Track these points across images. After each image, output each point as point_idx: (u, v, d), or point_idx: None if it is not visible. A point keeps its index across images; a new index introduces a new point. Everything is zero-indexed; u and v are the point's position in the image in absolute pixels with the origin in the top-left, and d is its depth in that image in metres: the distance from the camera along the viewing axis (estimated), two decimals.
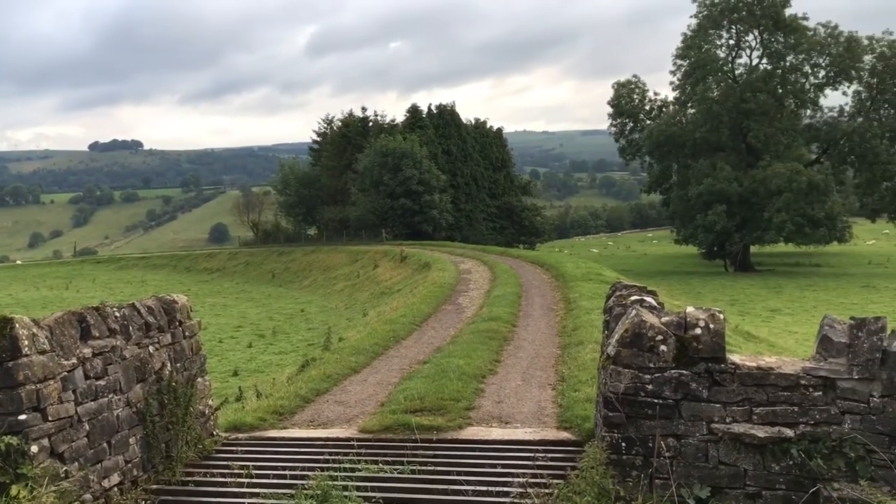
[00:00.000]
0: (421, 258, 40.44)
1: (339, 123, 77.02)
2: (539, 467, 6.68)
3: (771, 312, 36.77)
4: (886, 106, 62.67)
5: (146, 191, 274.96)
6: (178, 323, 7.79)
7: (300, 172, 78.61)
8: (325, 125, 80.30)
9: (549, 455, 7.27)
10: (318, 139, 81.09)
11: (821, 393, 5.71)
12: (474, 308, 19.93)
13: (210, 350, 24.19)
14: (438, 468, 7.12)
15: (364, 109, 77.27)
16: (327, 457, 7.42)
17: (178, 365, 7.66)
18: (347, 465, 7.07)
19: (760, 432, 5.66)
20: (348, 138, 72.96)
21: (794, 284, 50.39)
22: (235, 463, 7.36)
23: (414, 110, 74.08)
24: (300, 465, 7.28)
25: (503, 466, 7.06)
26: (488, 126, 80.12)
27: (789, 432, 5.65)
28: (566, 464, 6.84)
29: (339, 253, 57.13)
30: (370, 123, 74.87)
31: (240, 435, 8.59)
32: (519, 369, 11.87)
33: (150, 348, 7.18)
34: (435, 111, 74.64)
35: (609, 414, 5.83)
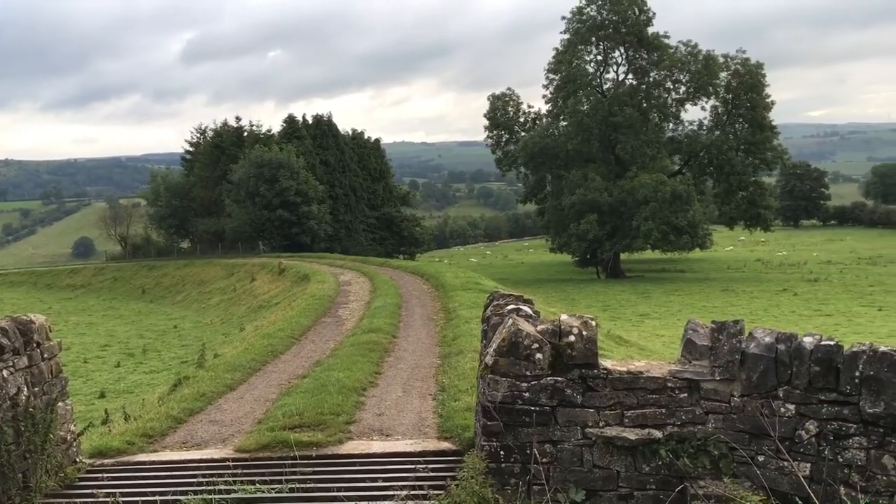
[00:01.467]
0: (300, 270, 39.78)
1: (213, 133, 74.94)
2: (419, 479, 6.67)
3: (640, 317, 38.36)
4: (741, 120, 66.70)
5: (2, 203, 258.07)
6: (35, 344, 7.32)
7: (172, 183, 75.85)
8: (198, 135, 77.99)
9: (431, 466, 7.27)
10: (190, 149, 78.56)
11: (686, 394, 5.97)
12: (354, 320, 19.76)
13: (74, 371, 22.91)
14: (318, 485, 6.99)
15: (238, 119, 75.61)
16: (201, 479, 7.14)
17: (37, 389, 7.19)
18: (223, 487, 6.83)
19: (631, 435, 5.86)
20: (222, 148, 71.09)
21: (661, 290, 52.79)
22: (101, 490, 6.97)
23: (291, 120, 73.06)
24: (172, 489, 6.97)
25: (384, 480, 7.00)
26: (366, 137, 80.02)
27: (658, 433, 5.88)
28: (447, 474, 6.86)
29: (215, 266, 55.44)
30: (245, 133, 73.25)
31: (106, 461, 8.15)
32: (400, 380, 11.84)
33: (4, 372, 6.71)
34: (312, 122, 73.84)
35: (487, 423, 5.89)
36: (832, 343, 5.82)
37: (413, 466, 7.23)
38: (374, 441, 8.51)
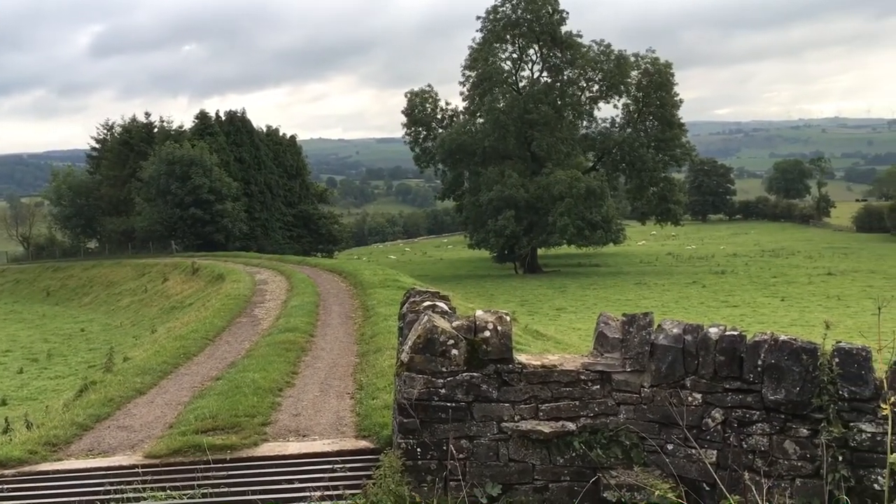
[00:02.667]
0: (214, 270, 38.87)
1: (121, 130, 72.47)
2: (336, 479, 6.60)
3: (557, 311, 39.05)
4: (651, 118, 68.65)
5: None
6: None
7: (76, 182, 72.97)
8: (105, 131, 75.30)
9: (348, 466, 7.21)
10: (96, 146, 75.76)
11: (598, 386, 6.09)
12: (271, 319, 19.43)
13: None
14: (233, 489, 6.84)
15: (148, 115, 73.38)
16: (109, 488, 6.89)
17: None
18: (132, 495, 6.60)
19: (546, 428, 5.93)
20: (130, 145, 68.87)
21: (577, 284, 53.86)
22: None
23: (203, 116, 71.33)
24: (77, 499, 6.70)
25: (301, 481, 6.89)
26: (281, 133, 78.83)
27: (572, 426, 5.98)
28: (364, 473, 6.81)
29: (124, 267, 53.65)
30: (155, 130, 71.12)
31: (6, 472, 7.77)
32: (317, 380, 11.70)
33: None
34: (225, 118, 72.29)
35: (404, 420, 5.87)
36: (736, 333, 6.02)
37: (330, 467, 7.15)
38: (290, 442, 8.38)
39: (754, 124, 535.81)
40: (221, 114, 72.99)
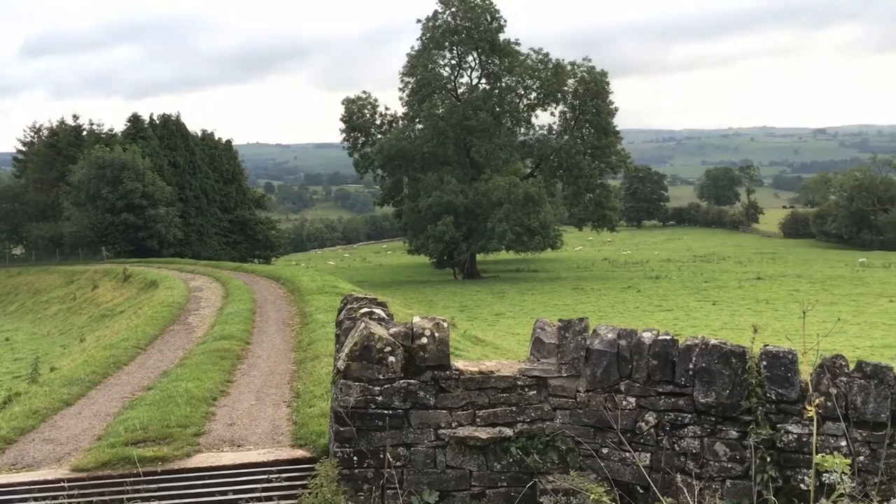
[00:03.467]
0: (147, 276, 37.93)
1: (49, 132, 70.27)
2: (272, 489, 6.49)
3: (496, 316, 39.28)
4: (587, 125, 69.74)
5: None
6: None
7: (1, 186, 70.50)
8: (32, 134, 72.92)
9: (284, 475, 7.10)
10: (23, 149, 73.30)
11: (535, 392, 6.13)
12: (205, 327, 19.04)
13: None
14: (163, 502, 6.66)
15: (76, 118, 71.21)
16: (32, 503, 6.64)
17: None
18: None
19: (483, 434, 5.95)
20: (58, 149, 66.81)
21: (515, 289, 54.28)
22: None
23: (135, 119, 69.66)
24: None
25: (235, 493, 6.77)
26: (217, 138, 77.56)
27: (509, 431, 6.01)
28: (301, 483, 6.71)
29: (52, 274, 51.94)
30: (84, 133, 69.15)
31: None
32: (253, 388, 11.51)
33: None
34: (159, 121, 70.75)
35: (340, 429, 5.81)
36: (668, 338, 6.14)
37: (266, 477, 7.03)
38: (224, 452, 8.21)
39: (687, 132, 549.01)
40: (155, 117, 71.44)
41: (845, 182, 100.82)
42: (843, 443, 5.54)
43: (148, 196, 59.34)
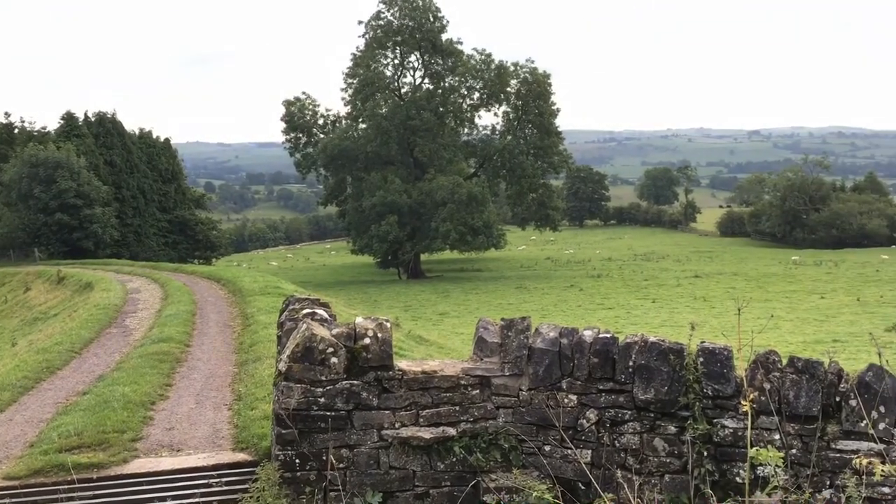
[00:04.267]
0: (82, 278, 36.91)
1: None
2: (212, 494, 6.38)
3: (440, 316, 39.34)
4: (530, 126, 70.36)
5: None
6: None
7: None
8: None
9: (225, 480, 6.98)
10: None
11: (478, 391, 6.15)
12: (143, 330, 18.62)
13: None
14: None
15: (8, 115, 68.95)
16: None
17: None
18: None
19: (427, 434, 5.94)
20: None
21: (459, 289, 54.45)
22: None
23: (69, 117, 67.73)
24: None
25: (174, 498, 6.64)
26: (155, 136, 75.94)
27: (452, 431, 6.02)
28: (242, 487, 6.61)
29: None
30: (16, 130, 66.99)
31: None
32: (193, 391, 11.30)
33: None
34: (94, 119, 68.96)
35: (281, 431, 5.75)
36: (609, 335, 6.23)
37: (206, 482, 6.91)
38: (163, 458, 8.04)
39: (627, 133, 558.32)
40: (90, 115, 69.60)
41: (778, 182, 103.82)
42: (777, 436, 5.69)
43: (83, 196, 57.77)
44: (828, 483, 5.57)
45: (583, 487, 6.03)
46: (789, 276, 54.16)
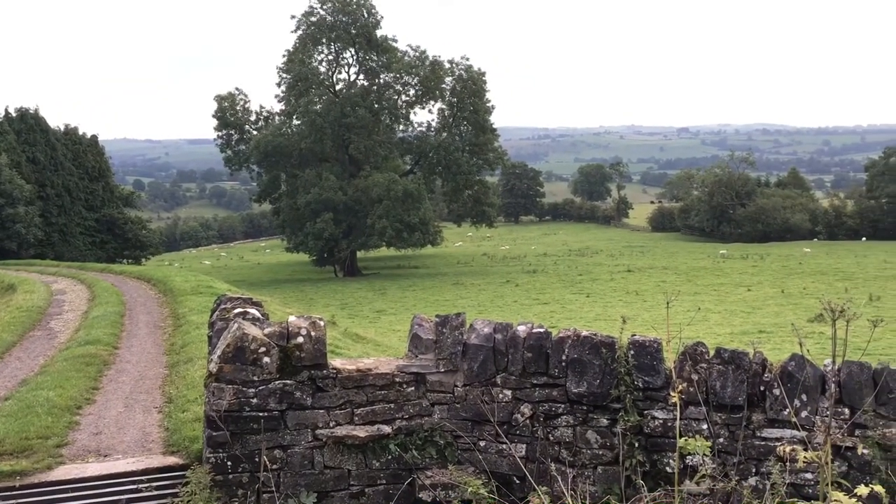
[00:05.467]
0: (3, 280, 35.56)
1: None
2: (141, 499, 6.22)
3: (377, 313, 39.18)
4: (465, 123, 70.56)
5: None
6: None
7: None
8: None
9: (155, 484, 6.81)
10: None
11: (413, 388, 6.15)
12: (69, 332, 18.05)
13: None
14: None
15: None
16: None
17: None
18: None
19: (362, 432, 5.91)
20: None
21: (396, 286, 54.33)
22: None
23: None
24: None
25: None
26: (81, 133, 73.63)
27: (387, 429, 6.00)
28: (172, 492, 6.46)
29: None
30: None
31: None
32: (121, 395, 11.01)
33: None
34: (16, 115, 66.50)
35: (213, 433, 5.64)
36: (542, 330, 6.29)
37: (135, 487, 6.73)
38: (90, 463, 7.80)
39: (561, 130, 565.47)
40: (11, 111, 67.10)
41: (706, 178, 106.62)
42: (705, 426, 5.83)
43: (5, 194, 55.72)
44: (753, 470, 5.74)
45: (518, 481, 6.08)
46: (717, 270, 55.65)
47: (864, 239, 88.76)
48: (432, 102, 70.10)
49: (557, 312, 35.90)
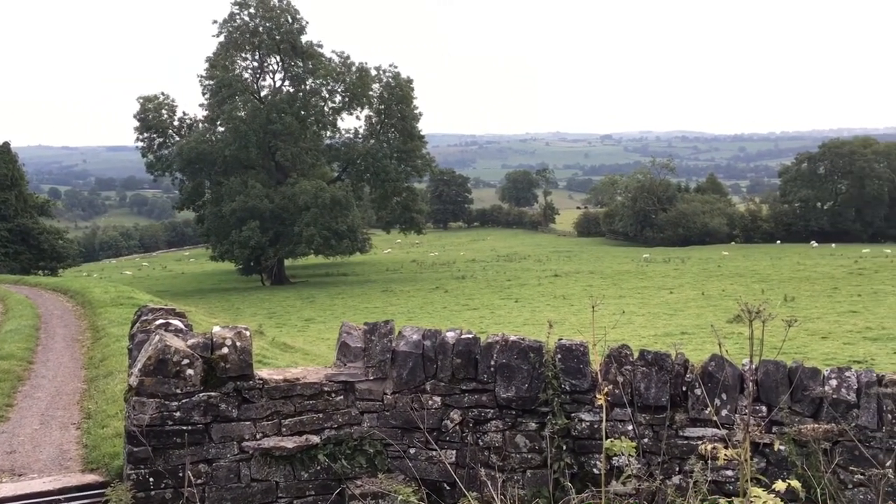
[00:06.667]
0: None
1: None
2: None
3: (306, 322, 38.70)
4: (393, 130, 70.48)
5: None
6: None
7: None
8: None
9: None
10: None
11: (342, 397, 6.09)
12: None
13: None
14: None
15: None
16: None
17: None
18: None
19: (290, 443, 5.82)
20: None
21: (325, 294, 53.81)
22: None
23: None
24: None
25: None
26: None
27: (316, 439, 5.92)
28: None
29: None
30: None
31: None
32: (37, 411, 10.57)
33: None
34: None
35: (134, 449, 5.46)
36: (471, 336, 6.31)
37: None
38: (3, 483, 7.47)
39: (488, 137, 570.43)
40: None
41: (629, 184, 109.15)
42: (630, 427, 5.95)
43: None
44: (677, 469, 5.88)
45: (448, 488, 6.07)
46: (641, 274, 56.93)
47: (778, 242, 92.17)
48: (360, 109, 69.77)
49: (487, 318, 36.12)
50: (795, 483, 3.69)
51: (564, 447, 5.95)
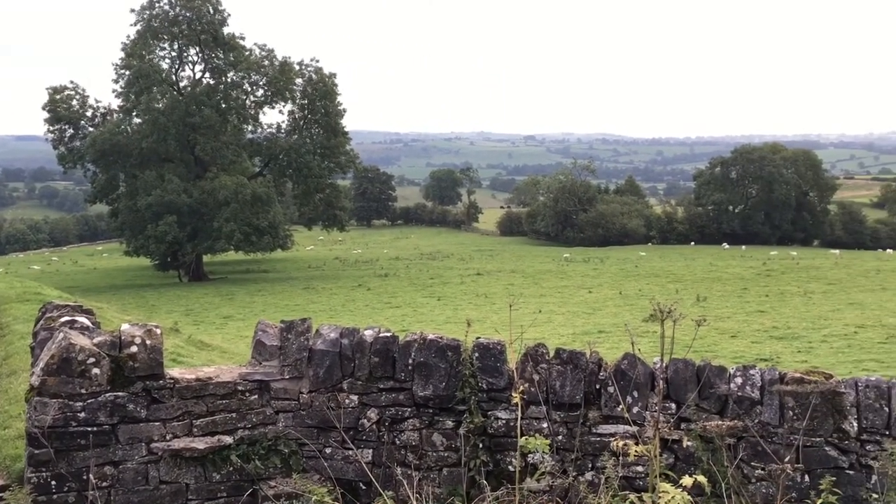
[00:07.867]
0: None
1: None
2: None
3: (224, 319, 37.93)
4: (316, 125, 69.69)
5: None
6: None
7: None
8: None
9: None
10: None
11: (257, 396, 5.98)
12: None
13: None
14: None
15: None
16: None
17: None
18: None
19: (201, 444, 5.68)
20: None
21: (245, 291, 52.84)
22: None
23: None
24: None
25: None
26: None
27: (229, 439, 5.79)
28: None
29: None
30: None
31: None
32: None
33: None
34: None
35: (35, 451, 5.24)
36: (389, 334, 6.29)
37: None
38: None
39: (413, 135, 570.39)
40: None
41: (551, 184, 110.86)
42: (545, 424, 6.03)
43: None
44: (590, 465, 5.99)
45: (364, 487, 6.04)
46: (561, 273, 57.88)
47: (692, 243, 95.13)
48: (282, 104, 68.75)
49: (409, 316, 36.11)
50: (702, 478, 3.80)
51: (481, 445, 5.99)
